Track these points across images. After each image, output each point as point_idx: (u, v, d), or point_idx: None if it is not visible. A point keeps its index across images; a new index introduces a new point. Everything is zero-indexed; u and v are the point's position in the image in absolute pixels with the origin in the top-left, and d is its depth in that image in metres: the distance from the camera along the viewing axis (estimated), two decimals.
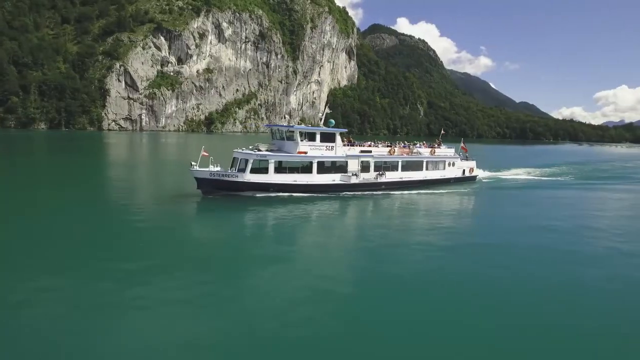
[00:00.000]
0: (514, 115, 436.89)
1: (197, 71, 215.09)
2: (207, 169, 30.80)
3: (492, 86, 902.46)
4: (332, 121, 38.48)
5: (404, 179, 40.25)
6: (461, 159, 47.63)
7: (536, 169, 64.14)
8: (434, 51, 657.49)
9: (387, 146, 40.73)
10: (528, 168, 64.96)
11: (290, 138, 34.54)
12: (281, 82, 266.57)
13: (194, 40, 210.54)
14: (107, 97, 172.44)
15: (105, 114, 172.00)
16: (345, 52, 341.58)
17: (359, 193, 35.82)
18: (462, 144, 50.84)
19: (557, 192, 43.15)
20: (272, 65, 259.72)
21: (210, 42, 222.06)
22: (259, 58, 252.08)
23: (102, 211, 26.14)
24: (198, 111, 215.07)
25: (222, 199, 30.36)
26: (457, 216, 29.97)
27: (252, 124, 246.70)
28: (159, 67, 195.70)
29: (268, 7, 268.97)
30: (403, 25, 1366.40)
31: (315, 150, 34.59)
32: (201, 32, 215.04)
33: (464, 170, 47.09)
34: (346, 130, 39.79)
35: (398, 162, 40.16)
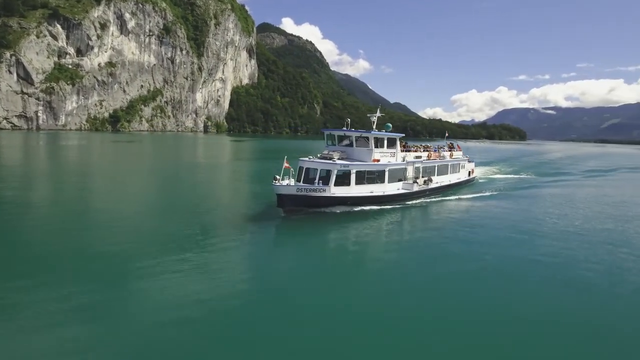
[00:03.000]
0: (396, 114, 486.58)
1: (99, 64, 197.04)
2: (290, 184, 26.69)
3: (370, 87, 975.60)
4: (389, 125, 35.19)
5: (439, 184, 38.87)
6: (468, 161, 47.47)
7: (494, 167, 66.76)
8: (320, 52, 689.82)
9: (425, 150, 39.42)
10: (487, 167, 67.17)
11: (362, 144, 31.46)
12: (187, 79, 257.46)
13: (95, 31, 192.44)
14: None
15: None
16: (247, 51, 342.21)
17: (417, 201, 33.74)
18: (457, 145, 49.05)
19: (561, 190, 44.64)
20: (177, 61, 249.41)
21: (112, 33, 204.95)
22: (163, 53, 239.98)
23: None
24: (101, 108, 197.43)
25: (305, 219, 25.99)
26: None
27: (159, 122, 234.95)
28: (55, 59, 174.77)
29: (170, 0, 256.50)
30: (288, 25, 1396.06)
31: (384, 158, 32.29)
32: (102, 22, 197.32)
33: (469, 172, 47.22)
34: (403, 135, 37.42)
35: (435, 166, 39.06)
